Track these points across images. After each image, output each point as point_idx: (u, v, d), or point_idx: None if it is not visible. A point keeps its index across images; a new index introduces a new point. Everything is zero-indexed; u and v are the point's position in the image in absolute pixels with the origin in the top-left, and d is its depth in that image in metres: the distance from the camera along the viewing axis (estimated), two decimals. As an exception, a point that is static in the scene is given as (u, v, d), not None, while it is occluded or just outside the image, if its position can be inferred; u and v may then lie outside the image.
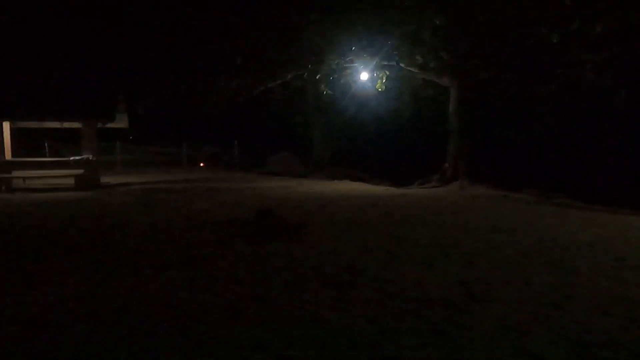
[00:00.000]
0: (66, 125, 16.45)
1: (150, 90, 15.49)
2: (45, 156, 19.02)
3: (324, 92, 15.19)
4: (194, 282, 4.62)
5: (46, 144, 18.99)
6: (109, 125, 16.29)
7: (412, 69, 14.79)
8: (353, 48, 13.74)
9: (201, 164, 24.59)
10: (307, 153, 21.32)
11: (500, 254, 5.79)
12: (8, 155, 14.61)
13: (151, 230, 7.32)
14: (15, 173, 14.37)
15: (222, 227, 7.40)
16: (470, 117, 14.86)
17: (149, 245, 6.29)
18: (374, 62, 14.04)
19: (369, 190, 13.20)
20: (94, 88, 15.62)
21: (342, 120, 20.47)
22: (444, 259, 5.58)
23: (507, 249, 6.04)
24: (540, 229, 7.38)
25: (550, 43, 10.67)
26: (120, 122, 16.81)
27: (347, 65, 14.62)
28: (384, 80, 14.41)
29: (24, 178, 14.82)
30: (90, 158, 14.70)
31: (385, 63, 14.17)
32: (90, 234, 7.06)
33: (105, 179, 15.93)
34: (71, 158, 14.72)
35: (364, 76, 14.67)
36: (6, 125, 14.37)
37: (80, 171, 14.56)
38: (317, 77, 14.67)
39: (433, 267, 5.21)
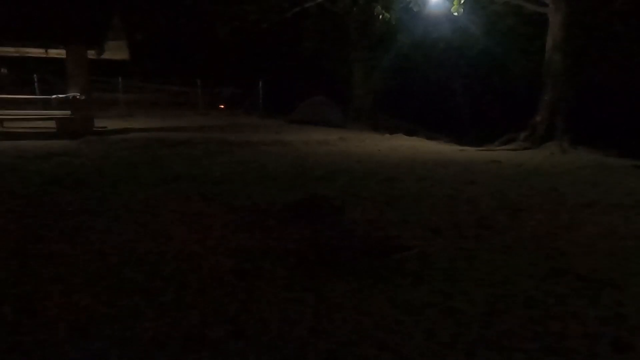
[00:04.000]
0: (52, 53, 13.21)
1: (151, 10, 11.89)
2: (35, 93, 15.91)
3: (380, 16, 11.38)
4: None
5: (35, 78, 15.68)
6: (105, 55, 13.06)
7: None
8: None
9: (221, 107, 21.39)
10: (345, 97, 17.69)
11: None
12: (-24, 90, 11.56)
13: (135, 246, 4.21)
14: (-13, 114, 11.46)
15: (242, 229, 4.22)
16: (576, 56, 11.06)
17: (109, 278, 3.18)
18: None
19: (439, 152, 9.79)
20: (83, 7, 12.22)
21: (391, 58, 16.57)
22: None
23: None
24: None
25: None
26: (119, 52, 13.63)
27: (414, -23, 10.75)
28: (462, 1, 10.58)
29: (1, 120, 11.92)
30: (78, 97, 11.57)
31: (468, -25, 10.28)
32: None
33: (102, 123, 12.89)
34: (53, 96, 11.63)
35: (437, -6, 10.85)
36: (-30, 52, 11.22)
37: (65, 113, 11.53)
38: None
39: None
